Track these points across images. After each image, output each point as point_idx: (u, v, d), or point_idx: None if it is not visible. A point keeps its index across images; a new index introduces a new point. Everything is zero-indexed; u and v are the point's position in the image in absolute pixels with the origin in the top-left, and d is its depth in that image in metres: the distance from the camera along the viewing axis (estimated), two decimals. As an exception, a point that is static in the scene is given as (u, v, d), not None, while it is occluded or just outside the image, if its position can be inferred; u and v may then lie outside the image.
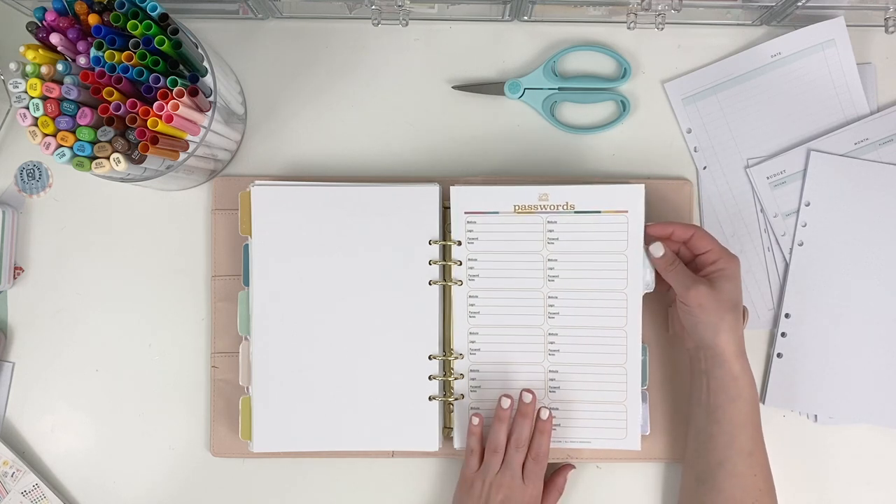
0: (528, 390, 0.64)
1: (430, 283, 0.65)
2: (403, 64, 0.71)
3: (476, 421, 0.65)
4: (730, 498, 0.60)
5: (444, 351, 0.67)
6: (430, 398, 0.66)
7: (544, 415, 0.64)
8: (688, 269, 0.62)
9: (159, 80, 0.57)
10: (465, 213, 0.66)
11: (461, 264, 0.66)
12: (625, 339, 0.65)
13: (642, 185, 0.64)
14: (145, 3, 0.56)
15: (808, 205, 0.69)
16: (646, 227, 0.64)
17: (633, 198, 0.64)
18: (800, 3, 0.65)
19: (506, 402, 0.64)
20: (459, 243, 0.66)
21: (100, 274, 0.70)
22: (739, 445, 0.60)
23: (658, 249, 0.63)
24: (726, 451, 0.60)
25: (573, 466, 0.67)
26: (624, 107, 0.70)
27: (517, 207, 0.65)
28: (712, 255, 0.62)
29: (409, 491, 0.69)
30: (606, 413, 0.65)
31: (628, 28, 0.67)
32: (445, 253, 0.66)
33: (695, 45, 0.71)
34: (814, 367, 0.68)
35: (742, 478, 0.60)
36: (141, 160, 0.57)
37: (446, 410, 0.67)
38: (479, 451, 0.65)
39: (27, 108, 0.56)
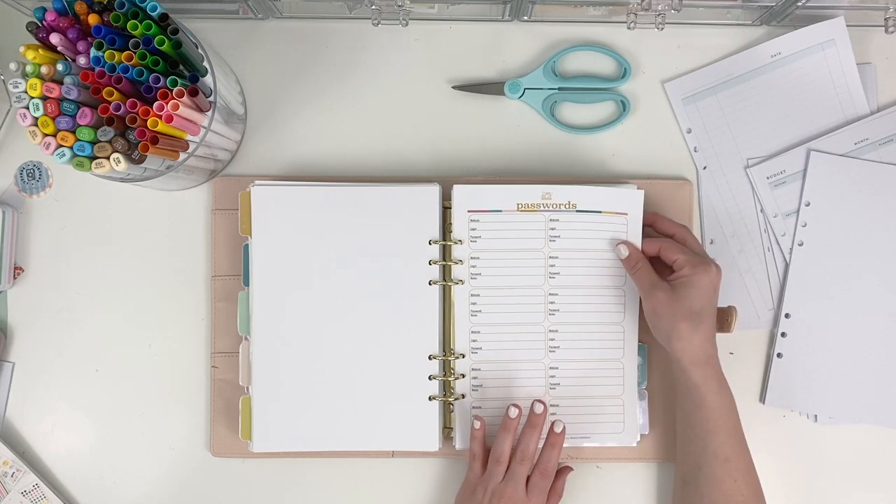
0: (540, 401, 0.64)
1: (430, 283, 0.65)
2: (403, 64, 0.71)
3: (478, 425, 0.64)
4: (712, 502, 0.60)
5: (444, 351, 0.67)
6: (430, 398, 0.66)
7: (558, 428, 0.64)
8: (653, 274, 0.62)
9: (159, 80, 0.57)
10: (469, 211, 0.66)
11: (462, 264, 0.66)
12: (622, 335, 0.66)
13: (642, 192, 0.65)
14: (145, 3, 0.56)
15: (808, 205, 0.69)
16: (643, 224, 0.65)
17: (633, 202, 0.65)
18: (800, 3, 0.65)
19: (513, 412, 0.63)
20: (461, 242, 0.66)
21: (100, 274, 0.70)
22: (713, 451, 0.60)
23: (623, 251, 0.63)
24: (702, 456, 0.60)
25: (571, 468, 0.67)
26: (624, 107, 0.70)
27: (520, 206, 0.66)
28: (680, 262, 0.61)
29: (409, 491, 0.69)
30: (604, 409, 0.66)
31: (628, 28, 0.67)
32: (445, 253, 0.66)
33: (695, 45, 0.71)
34: (814, 367, 0.68)
35: (721, 483, 0.60)
36: (141, 160, 0.57)
37: (446, 410, 0.67)
38: (482, 456, 0.64)
39: (27, 108, 0.56)
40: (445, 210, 0.67)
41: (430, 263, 0.65)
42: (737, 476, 0.60)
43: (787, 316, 0.69)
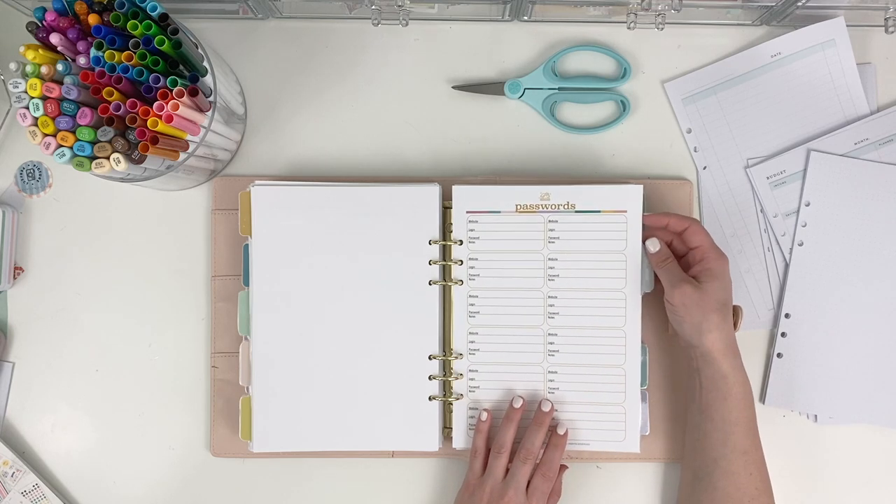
0: (549, 399, 0.64)
1: (429, 283, 0.65)
2: (403, 64, 0.71)
3: (485, 416, 0.64)
4: (725, 496, 0.60)
5: (443, 351, 0.67)
6: (430, 398, 0.66)
7: (561, 430, 0.64)
8: (679, 268, 0.62)
9: (159, 80, 0.57)
10: (468, 212, 0.66)
11: (462, 264, 0.66)
12: (624, 340, 0.65)
13: (640, 186, 0.65)
14: (145, 3, 0.56)
15: (808, 205, 0.69)
16: (643, 216, 0.65)
17: (631, 198, 0.65)
18: (800, 3, 0.65)
19: (518, 402, 0.64)
20: (461, 242, 0.66)
21: (100, 274, 0.70)
22: (733, 444, 0.60)
23: (654, 245, 0.63)
24: (721, 449, 0.60)
25: (567, 467, 0.66)
26: (624, 107, 0.70)
27: (519, 207, 0.65)
28: (700, 252, 0.62)
29: (409, 491, 0.69)
30: (605, 415, 0.65)
31: (628, 28, 0.67)
32: (445, 253, 0.66)
33: (695, 45, 0.71)
34: (814, 367, 0.68)
35: (737, 476, 0.60)
36: (141, 160, 0.57)
37: (446, 410, 0.67)
38: (484, 453, 0.64)
39: (27, 108, 0.56)
40: (446, 210, 0.67)
41: (430, 263, 0.65)
42: (752, 469, 0.60)
43: (787, 316, 0.69)
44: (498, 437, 0.63)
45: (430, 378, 0.66)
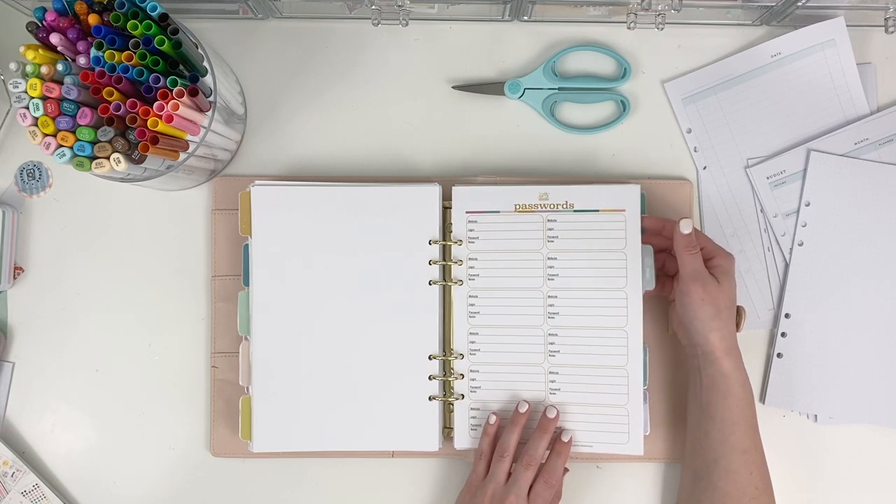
0: (554, 406, 0.64)
1: (430, 283, 0.65)
2: (403, 64, 0.71)
3: (493, 420, 0.64)
4: (725, 495, 0.60)
5: (444, 351, 0.66)
6: (430, 398, 0.65)
7: (566, 437, 0.63)
8: (702, 261, 0.61)
9: (159, 80, 0.57)
10: (467, 212, 0.66)
11: (461, 264, 0.66)
12: (626, 340, 0.65)
13: (637, 186, 0.65)
14: (145, 3, 0.56)
15: (808, 205, 0.69)
16: (641, 218, 0.64)
17: (629, 197, 0.65)
18: (800, 3, 0.65)
19: (523, 407, 0.63)
20: (460, 243, 0.66)
21: (100, 274, 0.70)
22: (733, 443, 0.60)
23: (687, 226, 0.60)
24: (721, 448, 0.60)
25: (567, 469, 0.66)
26: (624, 107, 0.70)
27: (518, 207, 0.65)
28: (707, 251, 0.62)
29: (409, 491, 0.69)
30: (608, 417, 0.65)
31: (628, 28, 0.67)
32: (445, 253, 0.66)
33: (695, 45, 0.71)
34: (814, 367, 0.68)
35: (737, 475, 0.60)
36: (141, 160, 0.57)
37: (446, 410, 0.67)
38: (489, 456, 0.64)
39: (27, 108, 0.56)
40: (445, 210, 0.67)
41: (430, 263, 0.65)
42: (752, 469, 0.60)
43: (787, 316, 0.69)
44: (501, 441, 0.63)
45: (430, 378, 0.65)
